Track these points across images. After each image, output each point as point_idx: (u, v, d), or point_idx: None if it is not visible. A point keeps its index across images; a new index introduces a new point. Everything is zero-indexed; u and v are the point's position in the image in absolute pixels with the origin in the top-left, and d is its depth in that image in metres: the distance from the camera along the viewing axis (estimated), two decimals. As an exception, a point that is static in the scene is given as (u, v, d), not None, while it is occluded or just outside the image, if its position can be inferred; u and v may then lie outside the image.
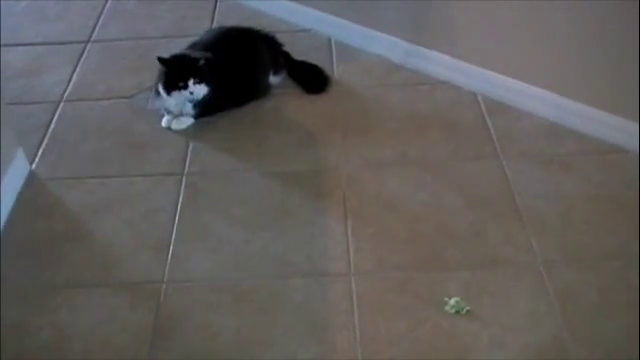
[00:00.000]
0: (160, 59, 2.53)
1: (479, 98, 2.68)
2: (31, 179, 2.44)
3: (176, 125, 2.62)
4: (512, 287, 2.01)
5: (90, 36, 3.18)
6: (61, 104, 2.78)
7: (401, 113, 2.66)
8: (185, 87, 2.52)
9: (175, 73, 2.53)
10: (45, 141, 2.60)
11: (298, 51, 2.88)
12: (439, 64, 2.77)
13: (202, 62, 2.53)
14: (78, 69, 2.97)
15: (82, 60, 3.03)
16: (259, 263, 2.12)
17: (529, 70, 2.56)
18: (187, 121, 2.63)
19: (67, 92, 2.84)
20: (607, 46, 2.33)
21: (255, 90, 2.74)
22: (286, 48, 2.85)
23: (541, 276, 2.03)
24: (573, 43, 2.41)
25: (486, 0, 2.55)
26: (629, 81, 2.30)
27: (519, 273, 2.05)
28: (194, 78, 2.51)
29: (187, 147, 2.55)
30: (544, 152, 2.45)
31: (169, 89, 2.54)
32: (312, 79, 2.81)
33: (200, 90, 2.53)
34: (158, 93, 2.59)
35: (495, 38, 2.60)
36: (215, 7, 3.33)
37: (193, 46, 2.74)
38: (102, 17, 3.31)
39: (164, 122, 2.63)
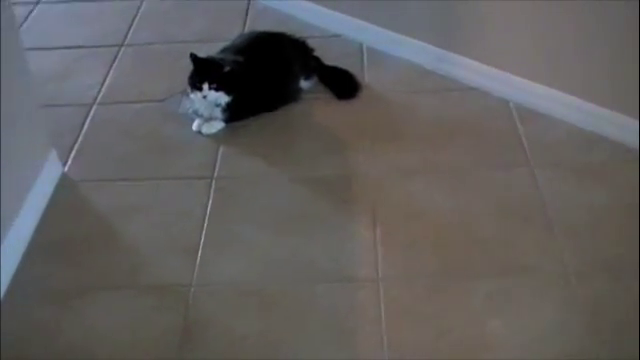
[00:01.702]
0: (191, 55, 2.56)
1: (511, 105, 2.66)
2: (63, 181, 2.47)
3: (206, 129, 2.64)
4: (541, 296, 1.99)
5: (124, 39, 3.22)
6: (94, 107, 2.81)
7: (431, 119, 2.65)
8: (200, 89, 2.54)
9: (197, 73, 2.56)
10: (78, 143, 2.63)
11: (329, 56, 2.88)
12: (470, 70, 2.76)
13: (227, 70, 2.54)
14: (111, 72, 3.01)
15: (115, 63, 3.06)
16: (286, 268, 2.12)
17: (562, 77, 2.54)
18: (217, 125, 2.65)
19: (100, 95, 2.87)
20: (641, 54, 2.30)
21: (286, 95, 2.75)
22: (317, 53, 2.85)
23: (571, 286, 2.01)
24: (606, 50, 2.38)
25: (517, 5, 2.53)
26: (664, 89, 2.27)
27: (548, 282, 2.03)
28: (210, 83, 2.53)
29: (217, 151, 2.57)
30: (576, 160, 2.42)
31: (191, 87, 2.58)
32: (343, 84, 2.81)
33: (217, 97, 2.56)
34: (188, 94, 2.62)
35: (527, 44, 2.58)
36: (247, 11, 3.34)
37: (225, 50, 2.76)
38: (136, 20, 3.35)
39: (195, 126, 2.65)
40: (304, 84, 2.80)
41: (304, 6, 3.20)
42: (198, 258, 2.16)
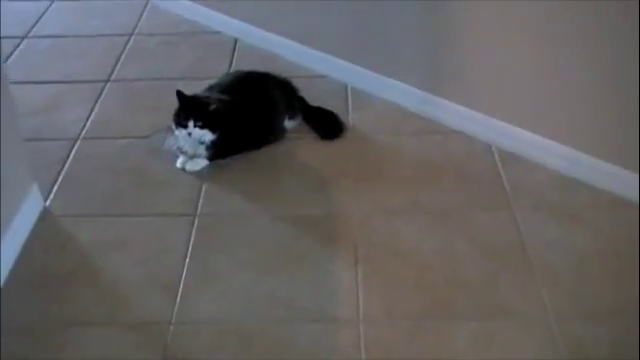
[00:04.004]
0: (178, 92, 2.58)
1: (493, 149, 2.69)
2: (44, 215, 2.46)
3: (190, 166, 2.64)
4: (522, 339, 1.99)
5: (110, 75, 3.23)
6: (78, 141, 2.81)
7: (414, 161, 2.67)
8: (185, 126, 2.55)
9: (182, 110, 2.58)
10: (60, 178, 2.62)
11: (314, 96, 2.90)
12: (454, 113, 2.79)
13: (212, 108, 2.56)
14: (97, 107, 3.01)
15: (101, 98, 3.07)
16: (267, 306, 2.11)
17: (543, 122, 2.57)
18: (201, 162, 2.65)
19: (85, 130, 2.87)
20: (621, 100, 2.34)
21: (270, 134, 2.77)
22: (302, 93, 2.88)
23: (551, 329, 2.01)
24: (587, 96, 2.42)
25: (502, 52, 2.57)
26: (643, 136, 2.30)
27: (529, 325, 2.03)
28: (195, 121, 2.54)
29: (200, 188, 2.57)
30: (556, 204, 2.44)
31: (176, 124, 2.59)
32: (327, 125, 2.83)
33: (202, 134, 2.56)
34: (173, 130, 2.63)
35: (510, 90, 2.62)
36: (234, 50, 3.37)
37: (211, 88, 2.77)
38: (123, 56, 3.37)
39: (179, 163, 2.65)
40: (289, 124, 2.82)
41: (290, 46, 3.23)
42: (179, 295, 2.15)
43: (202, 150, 2.63)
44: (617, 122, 2.38)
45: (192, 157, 2.65)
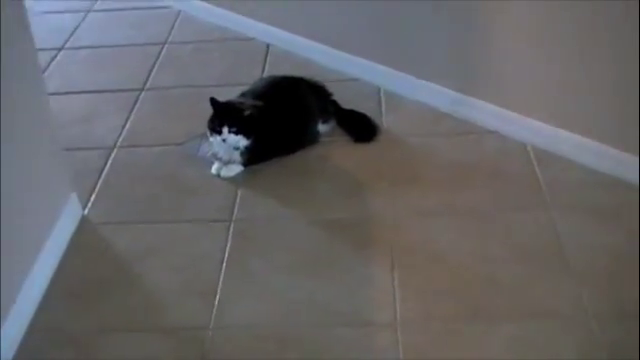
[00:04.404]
0: (211, 99, 2.59)
1: (528, 148, 2.67)
2: (83, 223, 2.50)
3: (225, 172, 2.66)
4: (561, 341, 1.97)
5: (144, 84, 3.27)
6: (114, 150, 2.85)
7: (448, 162, 2.66)
8: (219, 132, 2.57)
9: (217, 117, 2.59)
10: (98, 186, 2.66)
11: (347, 100, 2.91)
12: (487, 113, 2.77)
13: (246, 114, 2.57)
14: (132, 116, 3.05)
15: (136, 107, 3.11)
16: (304, 311, 2.12)
17: (579, 120, 2.54)
18: (236, 168, 2.67)
19: (121, 138, 2.91)
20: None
21: (304, 138, 2.77)
22: (335, 97, 2.88)
23: (591, 330, 1.99)
24: (623, 92, 2.39)
25: (534, 50, 2.55)
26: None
27: (568, 326, 2.01)
28: (229, 127, 2.56)
29: (235, 194, 2.58)
30: (594, 203, 2.41)
31: (210, 130, 2.60)
32: (361, 128, 2.83)
33: (236, 140, 2.58)
34: (207, 137, 2.65)
35: (544, 88, 2.60)
36: (266, 56, 3.39)
37: (244, 94, 2.79)
38: (157, 65, 3.40)
39: (214, 169, 2.67)
40: (322, 128, 2.82)
41: (322, 50, 3.24)
42: (216, 301, 2.17)
43: (236, 156, 2.65)
44: (654, 119, 2.34)
45: (227, 163, 2.67)
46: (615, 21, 2.30)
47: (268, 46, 3.45)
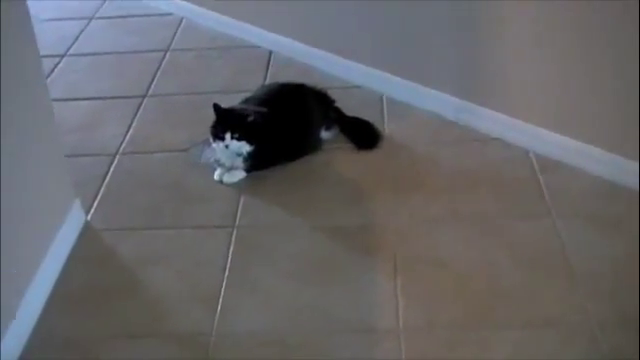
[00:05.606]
0: (214, 105, 2.59)
1: (531, 155, 2.67)
2: (86, 230, 2.50)
3: (228, 178, 2.66)
4: (565, 348, 1.97)
5: (147, 90, 3.27)
6: (117, 157, 2.85)
7: (452, 170, 2.66)
8: (222, 139, 2.57)
9: (220, 123, 2.59)
10: (101, 192, 2.66)
11: (350, 107, 2.91)
12: (491, 121, 2.77)
13: (250, 120, 2.57)
14: (135, 123, 3.05)
15: (139, 114, 3.11)
16: (307, 318, 2.11)
17: (582, 127, 2.54)
18: (239, 174, 2.67)
19: (123, 145, 2.91)
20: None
21: (307, 145, 2.78)
22: (338, 104, 2.88)
23: (594, 338, 1.98)
24: (626, 100, 2.39)
25: (538, 57, 2.56)
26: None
27: (573, 334, 2.00)
28: (232, 133, 2.56)
29: (238, 200, 2.58)
30: (597, 211, 2.41)
31: (213, 137, 2.60)
32: (363, 135, 2.83)
33: (239, 146, 2.58)
34: (210, 143, 2.65)
35: (547, 95, 2.60)
36: (269, 63, 3.40)
37: (247, 101, 2.79)
38: (159, 72, 3.41)
39: (216, 175, 2.67)
40: (325, 134, 2.83)
41: (325, 57, 3.24)
42: (219, 307, 2.16)
43: (239, 162, 2.65)
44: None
45: (230, 169, 2.67)
46: (621, 31, 2.30)
47: (271, 53, 3.45)
